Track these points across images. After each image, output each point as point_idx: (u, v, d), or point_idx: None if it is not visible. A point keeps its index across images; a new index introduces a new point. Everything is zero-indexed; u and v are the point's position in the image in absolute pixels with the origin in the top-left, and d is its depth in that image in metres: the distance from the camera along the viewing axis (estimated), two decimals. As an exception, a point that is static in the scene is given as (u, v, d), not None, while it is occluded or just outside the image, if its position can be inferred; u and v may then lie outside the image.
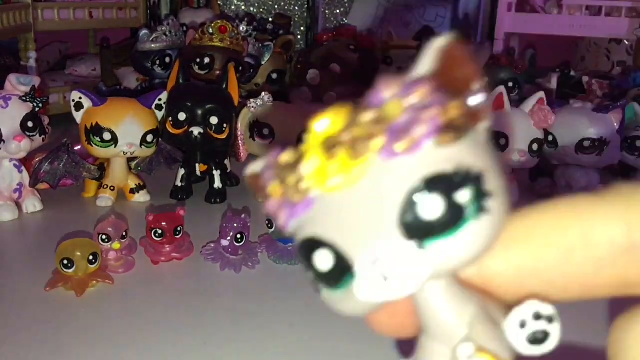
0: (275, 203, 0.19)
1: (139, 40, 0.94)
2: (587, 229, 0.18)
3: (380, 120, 0.17)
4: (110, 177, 0.69)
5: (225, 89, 0.71)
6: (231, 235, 0.54)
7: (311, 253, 0.18)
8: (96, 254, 0.49)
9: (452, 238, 0.17)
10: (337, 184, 0.17)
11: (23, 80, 0.64)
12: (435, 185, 0.17)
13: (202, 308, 0.48)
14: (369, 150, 0.17)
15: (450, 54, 0.18)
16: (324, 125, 0.18)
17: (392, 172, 0.17)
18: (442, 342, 0.18)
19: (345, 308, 0.18)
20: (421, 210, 0.17)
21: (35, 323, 0.45)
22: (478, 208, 0.17)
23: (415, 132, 0.17)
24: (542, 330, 0.18)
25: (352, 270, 0.17)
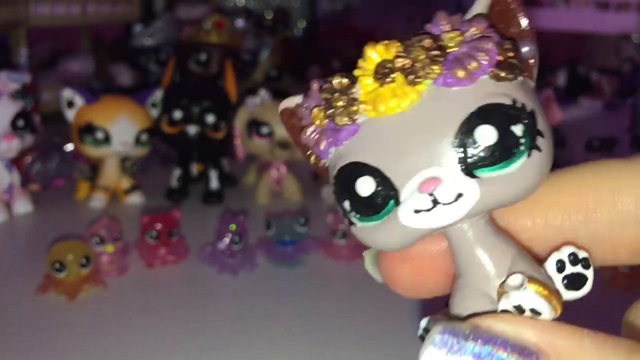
0: (315, 130, 0.19)
1: (133, 36, 0.93)
2: (614, 188, 0.18)
3: (440, 48, 0.17)
4: (103, 178, 0.68)
5: (223, 86, 0.70)
6: (228, 238, 0.54)
7: (353, 180, 0.18)
8: (89, 257, 0.49)
9: (505, 170, 0.17)
10: (390, 107, 0.17)
11: (14, 77, 0.63)
12: (492, 115, 0.17)
13: (198, 313, 0.47)
14: (426, 76, 0.17)
15: (503, 3, 0.18)
16: (379, 53, 0.18)
17: (449, 99, 0.17)
18: (482, 281, 0.18)
19: (381, 239, 0.18)
20: (477, 139, 0.17)
21: (25, 328, 0.44)
22: (530, 144, 0.17)
23: (475, 62, 0.17)
24: (578, 272, 0.18)
25: (397, 197, 0.17)
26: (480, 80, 0.17)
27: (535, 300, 0.17)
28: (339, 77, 0.18)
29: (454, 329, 0.16)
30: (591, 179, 0.19)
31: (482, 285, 0.18)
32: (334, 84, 0.18)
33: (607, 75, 1.01)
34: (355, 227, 0.19)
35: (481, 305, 0.18)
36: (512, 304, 0.17)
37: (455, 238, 0.18)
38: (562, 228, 0.19)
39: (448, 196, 0.17)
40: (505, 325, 0.16)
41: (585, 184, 0.19)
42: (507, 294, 0.17)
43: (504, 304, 0.17)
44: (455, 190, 0.17)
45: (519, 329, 0.16)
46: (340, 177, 0.18)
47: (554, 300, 0.17)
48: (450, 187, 0.17)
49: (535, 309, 0.17)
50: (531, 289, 0.17)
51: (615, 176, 0.18)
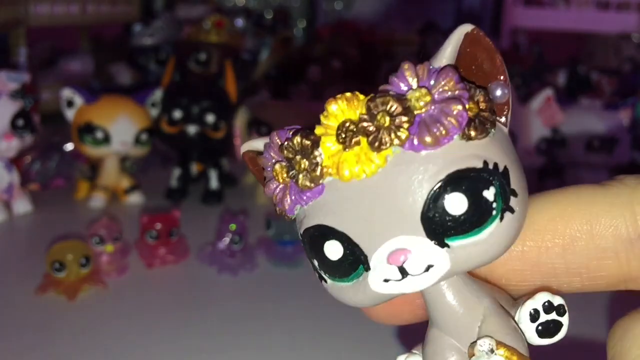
0: (278, 187, 0.18)
1: (133, 36, 0.92)
2: (592, 218, 0.18)
3: (406, 111, 0.16)
4: (103, 178, 0.68)
5: (222, 86, 0.70)
6: (228, 238, 0.53)
7: (320, 242, 0.17)
8: (88, 257, 0.49)
9: (477, 237, 0.16)
10: (355, 173, 0.16)
11: (13, 77, 0.63)
12: (462, 182, 0.16)
13: (198, 313, 0.47)
14: (392, 142, 0.16)
15: (475, 41, 0.17)
16: (341, 109, 0.17)
17: (417, 165, 0.16)
18: (454, 335, 0.18)
19: (352, 300, 0.18)
20: (447, 208, 0.16)
21: (24, 329, 0.44)
22: (503, 207, 0.16)
23: (443, 127, 0.16)
24: (553, 320, 0.17)
25: (366, 263, 0.17)
26: (450, 142, 0.16)
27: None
28: (300, 137, 0.17)
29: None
30: (567, 211, 0.18)
31: (454, 339, 0.18)
32: (295, 143, 0.17)
33: (607, 75, 1.01)
34: (326, 284, 0.18)
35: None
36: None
37: (427, 292, 0.18)
38: (538, 260, 0.18)
39: (417, 268, 0.16)
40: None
41: (561, 216, 0.18)
42: (476, 357, 0.17)
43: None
44: (425, 262, 0.16)
45: None
46: (307, 237, 0.18)
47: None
48: (420, 259, 0.16)
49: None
50: (499, 355, 0.17)
51: (592, 206, 0.18)
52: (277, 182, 0.18)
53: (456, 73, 0.17)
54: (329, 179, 0.17)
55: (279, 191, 0.18)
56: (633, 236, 0.17)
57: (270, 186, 0.18)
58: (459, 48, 0.17)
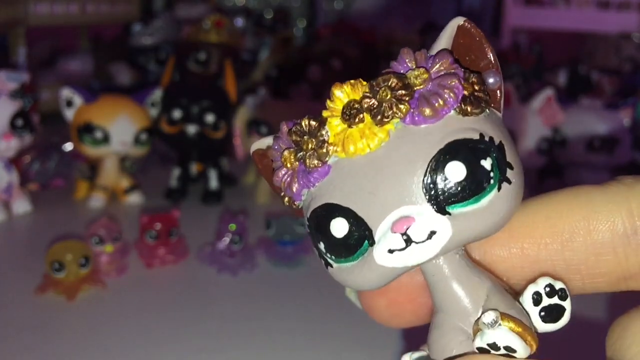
0: (287, 172, 0.19)
1: (132, 36, 0.92)
2: (589, 215, 0.18)
3: (406, 87, 0.17)
4: (102, 178, 0.68)
5: (222, 85, 0.70)
6: (228, 238, 0.53)
7: (326, 222, 0.18)
8: (88, 257, 0.48)
9: (476, 205, 0.17)
10: (360, 148, 0.17)
11: (13, 77, 0.63)
12: (460, 150, 0.17)
13: (197, 313, 0.47)
14: (394, 115, 0.17)
15: (467, 33, 0.18)
16: (346, 92, 0.18)
17: (417, 136, 0.17)
18: (458, 317, 0.18)
19: (358, 280, 0.18)
20: (447, 175, 0.17)
21: (24, 329, 0.44)
22: (500, 177, 0.17)
23: (441, 99, 0.17)
24: (556, 304, 0.18)
25: (371, 237, 0.17)
26: (448, 116, 0.17)
27: (509, 337, 0.17)
28: (307, 119, 0.18)
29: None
30: (565, 208, 0.19)
31: (459, 321, 0.18)
32: (302, 125, 0.18)
33: (607, 74, 1.01)
34: (332, 269, 0.19)
35: (457, 343, 0.18)
36: (487, 342, 0.17)
37: (431, 274, 0.18)
38: (538, 258, 0.19)
39: (421, 235, 0.17)
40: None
41: (559, 213, 0.19)
42: (481, 332, 0.17)
43: (478, 342, 0.17)
44: (428, 228, 0.17)
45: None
46: (313, 219, 0.18)
47: (528, 337, 0.17)
48: (423, 225, 0.17)
49: (509, 347, 0.17)
50: (505, 326, 0.17)
51: (589, 204, 0.18)
52: (286, 168, 0.19)
53: (451, 56, 0.18)
54: (335, 158, 0.18)
55: (287, 177, 0.19)
56: (630, 232, 0.18)
57: (279, 174, 0.19)
58: (453, 40, 0.19)
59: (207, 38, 0.91)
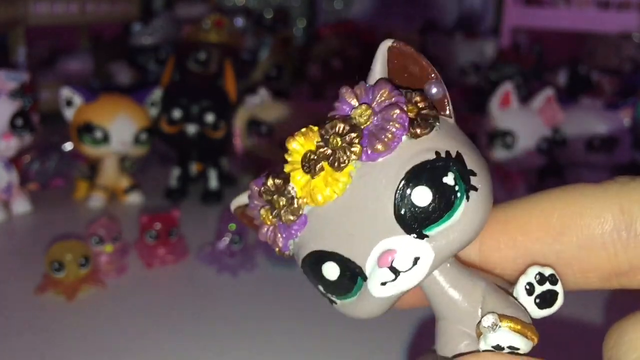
0: (269, 229, 0.20)
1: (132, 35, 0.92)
2: (581, 210, 0.19)
3: (353, 128, 0.18)
4: (102, 177, 0.68)
5: (222, 85, 0.70)
6: (228, 237, 0.53)
7: (318, 267, 0.19)
8: (87, 257, 0.48)
9: (450, 221, 0.18)
10: (327, 196, 0.18)
11: (12, 76, 0.63)
12: (421, 175, 0.18)
13: (197, 313, 0.47)
14: (349, 159, 0.18)
15: (399, 52, 0.19)
16: (300, 143, 0.19)
17: (377, 172, 0.18)
18: (460, 322, 0.18)
19: (362, 312, 0.19)
20: (415, 202, 0.17)
21: (23, 329, 0.44)
22: (466, 187, 0.18)
23: (389, 132, 0.18)
24: (548, 290, 0.19)
25: (362, 273, 0.18)
26: (400, 144, 0.18)
27: (510, 337, 0.18)
28: (272, 179, 0.19)
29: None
30: (559, 203, 0.19)
31: (461, 326, 0.19)
32: (269, 185, 0.19)
33: (607, 74, 1.01)
34: (336, 305, 0.20)
35: (464, 345, 0.19)
36: (491, 345, 0.18)
37: (427, 287, 0.19)
38: (531, 251, 0.19)
39: (406, 264, 0.18)
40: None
41: (552, 208, 0.19)
42: (483, 336, 0.18)
43: (483, 346, 0.18)
44: (411, 256, 0.18)
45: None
46: (305, 267, 0.19)
47: (528, 332, 0.18)
48: (405, 254, 0.18)
49: (512, 346, 0.18)
50: (504, 327, 0.18)
51: (582, 200, 0.19)
52: (266, 225, 0.20)
53: (389, 83, 0.19)
54: (308, 208, 0.19)
55: (270, 233, 0.20)
56: (620, 228, 0.18)
57: (262, 231, 0.20)
58: (387, 62, 0.19)
59: (207, 38, 0.91)
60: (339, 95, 0.19)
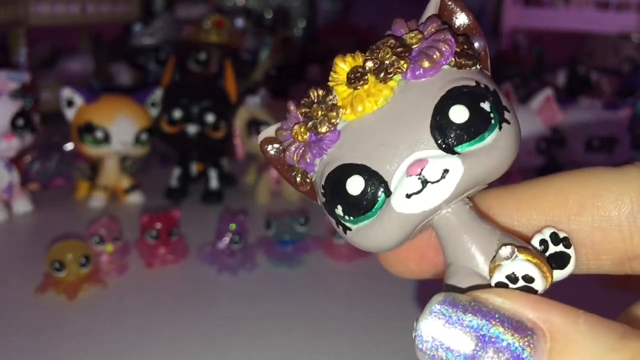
0: (299, 146, 0.19)
1: (133, 36, 0.92)
2: (598, 192, 0.19)
3: (404, 45, 0.19)
4: (102, 177, 0.68)
5: (222, 85, 0.70)
6: (228, 237, 0.53)
7: (342, 181, 0.18)
8: (88, 257, 0.48)
9: (482, 143, 0.18)
10: (367, 106, 0.18)
11: (13, 77, 0.63)
12: (460, 95, 0.18)
13: (198, 313, 0.47)
14: (396, 72, 0.18)
15: (449, 3, 0.20)
16: (348, 62, 0.19)
17: (419, 89, 0.18)
18: (471, 262, 0.18)
19: (378, 236, 0.18)
20: (451, 118, 0.18)
21: (24, 328, 0.44)
22: (499, 118, 0.18)
23: (437, 51, 0.18)
24: (562, 251, 0.19)
25: (387, 189, 0.18)
26: (444, 70, 0.19)
27: (527, 267, 0.17)
28: (314, 90, 0.19)
29: (454, 299, 0.17)
30: (576, 184, 0.19)
31: (473, 267, 0.18)
32: (311, 96, 0.19)
33: (607, 75, 1.01)
34: (350, 232, 0.19)
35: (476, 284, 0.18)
36: (505, 274, 0.17)
37: (442, 226, 0.19)
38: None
39: (435, 174, 0.18)
40: (503, 299, 0.17)
41: (570, 188, 0.19)
42: (499, 267, 0.18)
43: (497, 277, 0.18)
44: (441, 167, 0.18)
45: (517, 304, 0.16)
46: (329, 183, 0.19)
47: (544, 267, 0.18)
48: (436, 165, 0.18)
49: (528, 275, 0.17)
50: (521, 257, 0.17)
51: (600, 182, 0.19)
52: (297, 142, 0.20)
53: (439, 19, 0.19)
54: (343, 123, 0.19)
55: (300, 149, 0.20)
56: (637, 212, 0.18)
57: (291, 149, 0.20)
58: (438, 12, 0.20)
59: (207, 38, 0.91)
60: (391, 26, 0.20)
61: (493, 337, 0.16)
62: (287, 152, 0.20)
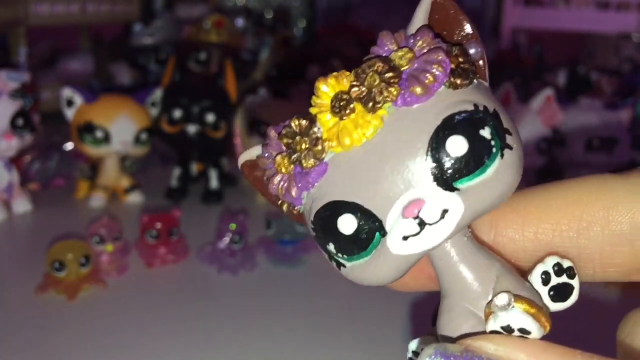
0: (282, 179, 0.18)
1: (133, 35, 0.92)
2: (609, 205, 0.17)
3: (392, 69, 0.17)
4: (102, 177, 0.68)
5: (222, 85, 0.69)
6: (228, 237, 0.53)
7: (333, 220, 0.17)
8: (88, 257, 0.48)
9: (483, 176, 0.16)
10: (355, 139, 0.17)
11: (13, 76, 0.63)
12: (457, 124, 0.16)
13: (198, 313, 0.47)
14: (385, 100, 0.17)
15: (442, 7, 0.18)
16: (332, 85, 0.17)
17: (412, 118, 0.17)
18: (468, 301, 0.17)
19: (374, 275, 0.17)
20: (449, 151, 0.16)
21: (24, 328, 0.44)
22: (501, 144, 0.17)
23: (430, 75, 0.17)
24: (564, 283, 0.17)
25: (382, 228, 0.17)
26: (438, 92, 0.17)
27: (523, 319, 0.16)
28: (296, 119, 0.18)
29: (445, 350, 0.16)
30: (584, 195, 0.18)
31: (469, 304, 0.17)
32: (292, 127, 0.18)
33: (607, 75, 1.01)
34: (345, 269, 0.18)
35: (469, 326, 0.17)
36: (500, 325, 0.17)
37: (439, 258, 0.18)
38: (551, 243, 0.18)
39: (434, 215, 0.16)
40: (496, 346, 0.16)
41: (579, 200, 0.18)
42: (494, 315, 0.17)
43: (492, 325, 0.17)
44: (440, 207, 0.16)
45: (511, 351, 0.16)
46: (318, 221, 0.18)
47: (542, 318, 0.17)
48: (434, 205, 0.16)
49: (523, 329, 0.17)
50: (518, 308, 0.16)
51: (610, 193, 0.18)
52: (281, 173, 0.18)
53: (431, 31, 0.17)
54: (331, 155, 0.17)
55: (284, 182, 0.18)
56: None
57: (274, 181, 0.18)
58: (429, 17, 0.18)
59: (208, 38, 0.91)
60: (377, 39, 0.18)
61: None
62: (271, 184, 0.18)
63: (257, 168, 0.19)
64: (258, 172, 0.19)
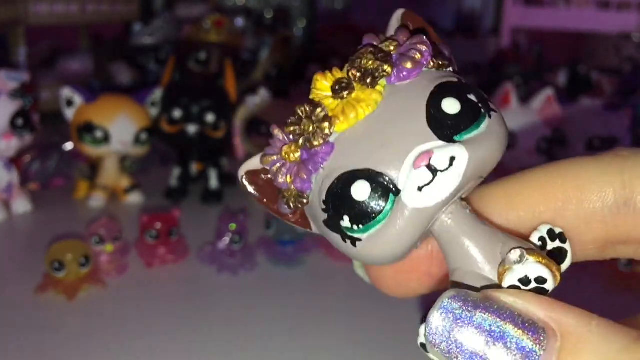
0: (292, 167, 0.19)
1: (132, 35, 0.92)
2: (582, 184, 0.19)
3: (383, 52, 0.19)
4: (102, 177, 0.68)
5: (222, 85, 0.69)
6: (228, 237, 0.53)
7: (346, 190, 0.18)
8: (88, 257, 0.48)
9: (478, 130, 0.18)
10: (360, 112, 0.19)
11: (13, 76, 0.63)
12: (449, 89, 0.19)
13: (198, 313, 0.47)
14: (382, 76, 0.19)
15: (412, 18, 0.21)
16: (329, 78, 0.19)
17: (407, 90, 0.19)
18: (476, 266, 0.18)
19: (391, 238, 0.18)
20: (446, 111, 0.18)
21: (23, 328, 0.44)
22: (487, 107, 0.19)
23: (417, 52, 0.19)
24: (559, 247, 0.19)
25: (395, 188, 0.18)
26: (425, 71, 0.19)
27: (539, 269, 0.17)
28: (301, 106, 0.19)
29: (465, 296, 0.17)
30: (559, 177, 0.19)
31: (479, 270, 0.18)
32: (298, 113, 0.19)
33: (607, 74, 1.01)
34: (360, 243, 0.19)
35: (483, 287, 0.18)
36: (518, 277, 0.17)
37: (444, 233, 0.19)
38: (533, 225, 0.19)
39: (443, 162, 0.18)
40: (515, 298, 0.17)
41: (553, 182, 0.19)
42: (510, 270, 0.17)
43: (509, 280, 0.17)
44: (447, 155, 0.18)
45: (529, 304, 0.16)
46: (330, 195, 0.18)
47: (553, 267, 0.18)
48: (442, 153, 0.18)
49: (540, 277, 0.17)
50: (532, 259, 0.17)
51: (582, 174, 0.19)
52: (289, 163, 0.19)
53: (408, 29, 0.20)
54: (335, 135, 0.19)
55: (293, 169, 0.19)
56: (620, 203, 0.18)
57: (282, 171, 0.19)
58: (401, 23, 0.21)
59: (208, 38, 0.91)
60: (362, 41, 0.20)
61: (503, 334, 0.16)
62: (279, 176, 0.19)
63: (259, 176, 0.20)
64: (260, 180, 0.20)
